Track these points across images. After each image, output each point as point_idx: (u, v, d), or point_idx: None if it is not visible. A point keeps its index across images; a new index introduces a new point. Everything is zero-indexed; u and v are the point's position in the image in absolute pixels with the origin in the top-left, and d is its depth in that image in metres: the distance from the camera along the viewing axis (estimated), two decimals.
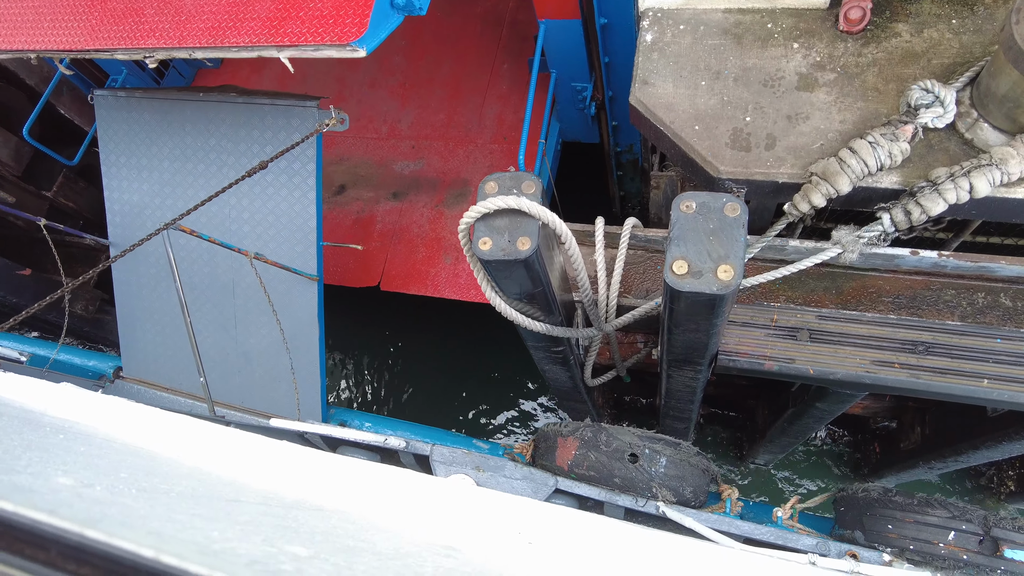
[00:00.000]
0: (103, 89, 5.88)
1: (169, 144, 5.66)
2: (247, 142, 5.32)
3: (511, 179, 3.02)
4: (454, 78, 7.55)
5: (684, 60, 4.46)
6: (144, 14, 3.89)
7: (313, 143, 4.94)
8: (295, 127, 5.06)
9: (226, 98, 5.30)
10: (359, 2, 3.32)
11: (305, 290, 5.39)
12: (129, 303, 6.26)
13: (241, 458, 1.27)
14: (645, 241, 4.46)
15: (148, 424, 1.34)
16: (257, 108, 5.18)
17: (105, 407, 1.42)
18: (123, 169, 5.93)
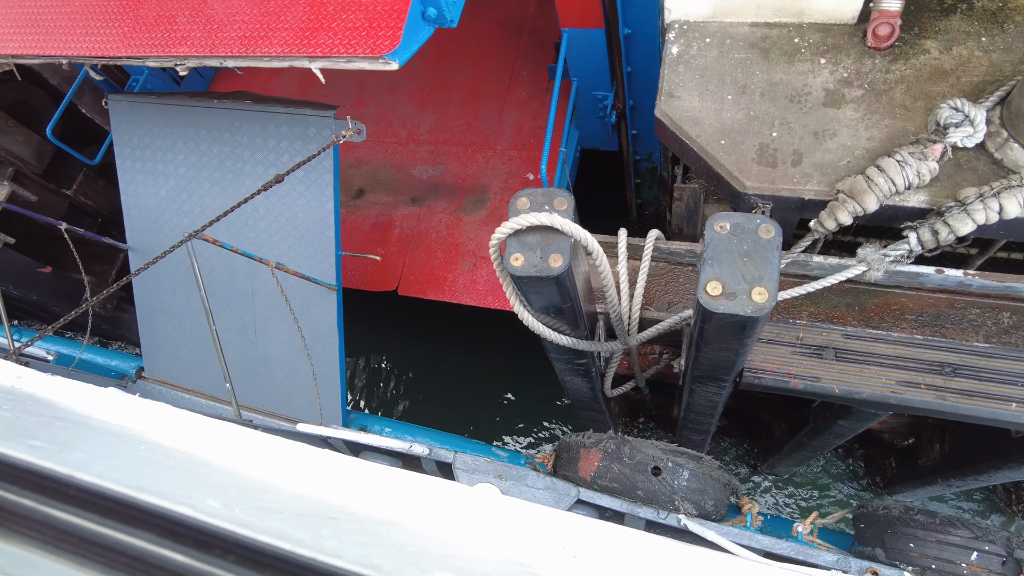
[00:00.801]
0: (117, 94, 5.88)
1: (184, 150, 5.67)
2: (263, 151, 5.32)
3: (543, 195, 3.03)
4: (473, 84, 7.57)
5: (710, 74, 4.47)
6: (176, 22, 3.92)
7: (330, 153, 4.94)
8: (311, 136, 5.07)
9: (241, 106, 5.30)
10: (392, 15, 3.34)
11: (325, 299, 5.41)
12: (149, 306, 6.30)
13: (306, 471, 1.29)
14: (667, 253, 4.46)
15: (208, 436, 1.35)
16: (273, 116, 5.18)
17: (163, 416, 1.44)
18: (139, 174, 5.95)
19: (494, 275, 6.50)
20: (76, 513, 1.08)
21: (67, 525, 1.07)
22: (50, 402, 1.51)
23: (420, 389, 8.37)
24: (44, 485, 1.14)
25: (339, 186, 5.18)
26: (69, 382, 1.57)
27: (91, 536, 1.05)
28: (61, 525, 1.07)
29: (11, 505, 1.11)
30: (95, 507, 1.08)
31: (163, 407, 1.47)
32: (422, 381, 8.39)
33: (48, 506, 1.10)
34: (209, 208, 5.61)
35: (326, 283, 5.33)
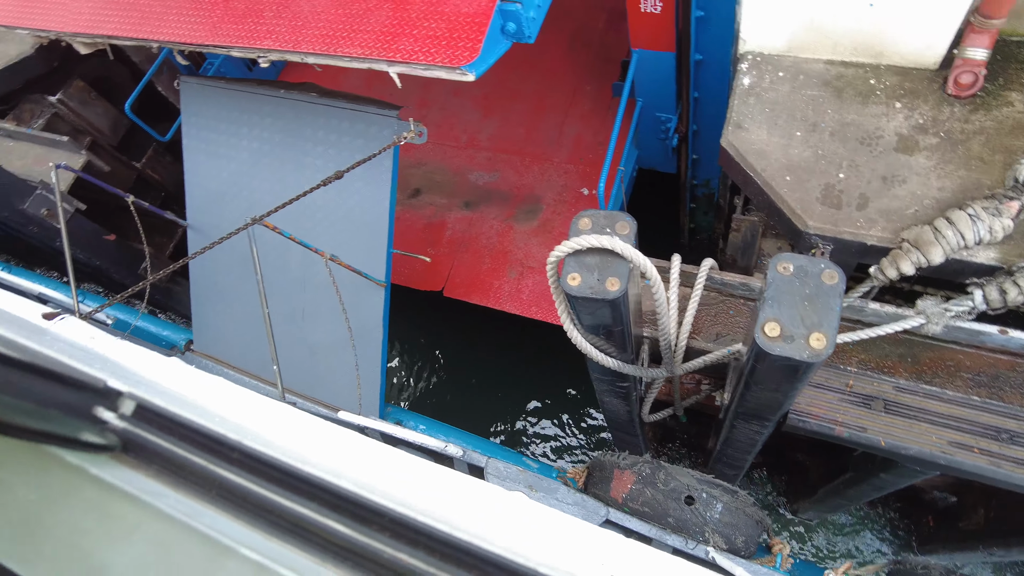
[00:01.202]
0: (189, 76, 6.03)
1: (248, 136, 5.80)
2: (324, 144, 5.42)
3: (605, 218, 3.05)
4: (537, 94, 7.62)
5: (780, 108, 4.43)
6: (264, 16, 4.06)
7: (390, 153, 5.00)
8: (373, 134, 5.14)
9: (308, 98, 5.39)
10: (473, 27, 3.41)
11: (373, 294, 5.51)
12: (203, 283, 6.49)
13: (351, 457, 1.35)
14: (720, 284, 4.43)
15: (264, 414, 1.43)
16: (337, 111, 5.27)
17: (222, 390, 1.52)
18: (203, 155, 6.11)
19: (539, 285, 6.52)
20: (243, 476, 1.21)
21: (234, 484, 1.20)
22: (121, 366, 1.61)
23: (454, 389, 8.44)
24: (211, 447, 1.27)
25: (396, 186, 5.23)
26: (136, 347, 1.68)
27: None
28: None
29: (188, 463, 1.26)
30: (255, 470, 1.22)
31: (222, 381, 1.55)
32: (457, 381, 8.46)
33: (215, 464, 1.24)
34: (268, 195, 5.75)
35: (376, 279, 5.43)
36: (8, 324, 1.74)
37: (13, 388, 1.20)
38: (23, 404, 1.22)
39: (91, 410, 1.35)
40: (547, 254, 6.54)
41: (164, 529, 1.23)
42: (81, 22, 4.52)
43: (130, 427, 1.36)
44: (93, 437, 1.32)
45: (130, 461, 1.33)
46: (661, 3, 5.01)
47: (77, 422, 1.33)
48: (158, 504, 1.24)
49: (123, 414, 1.38)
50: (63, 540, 1.31)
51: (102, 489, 1.31)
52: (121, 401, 1.40)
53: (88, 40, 4.65)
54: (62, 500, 1.34)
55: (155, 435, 1.34)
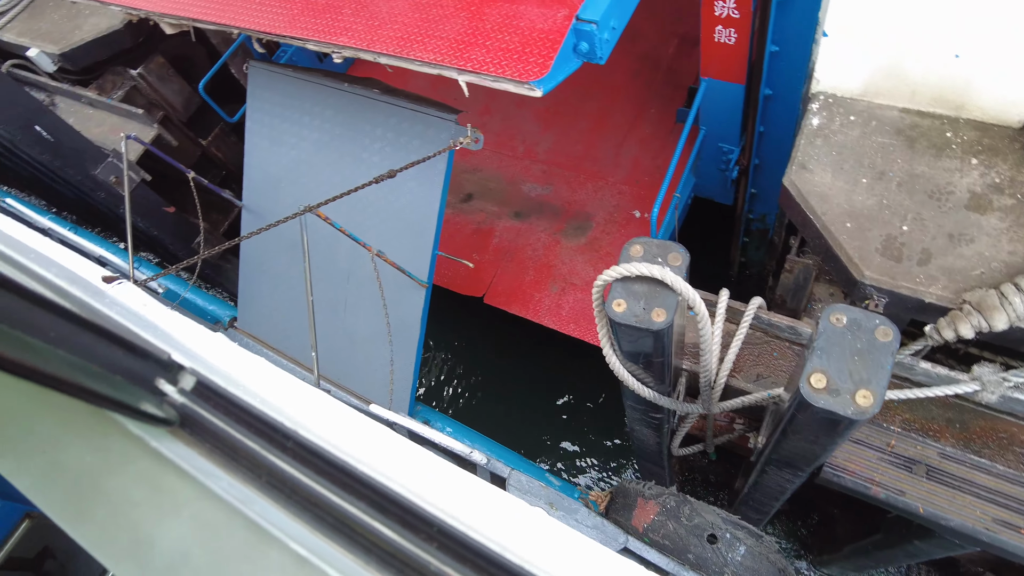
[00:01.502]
0: (257, 62, 6.15)
1: (310, 126, 5.90)
2: (382, 141, 5.48)
3: (658, 247, 3.02)
4: (599, 112, 7.61)
5: (848, 152, 4.33)
6: (342, 13, 4.15)
7: (445, 157, 5.02)
8: (431, 136, 5.18)
9: (370, 94, 5.46)
10: (546, 44, 3.42)
11: (414, 293, 5.55)
12: (252, 264, 6.64)
13: (380, 450, 1.37)
14: (766, 324, 4.34)
15: (302, 400, 1.45)
16: (397, 110, 5.32)
17: (263, 371, 1.55)
18: (264, 140, 6.23)
19: (580, 303, 6.49)
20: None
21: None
22: (170, 335, 1.64)
23: (484, 395, 8.45)
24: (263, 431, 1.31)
25: (447, 189, 5.26)
26: (185, 319, 1.73)
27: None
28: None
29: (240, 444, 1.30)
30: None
31: (264, 362, 1.58)
32: (488, 388, 8.47)
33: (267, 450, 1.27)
34: (324, 185, 5.85)
35: (419, 279, 5.47)
36: (71, 283, 1.80)
37: (82, 349, 1.23)
38: (90, 366, 1.25)
39: (154, 381, 1.38)
40: (592, 272, 6.54)
41: (212, 510, 1.25)
42: (169, 4, 4.69)
43: (189, 403, 1.38)
44: (154, 409, 1.35)
45: (186, 437, 1.36)
46: (736, 35, 4.95)
47: (139, 391, 1.36)
48: (209, 484, 1.26)
49: (183, 388, 1.41)
50: (114, 507, 1.34)
51: (157, 462, 1.34)
52: (183, 375, 1.44)
53: (174, 21, 4.82)
54: (118, 467, 1.37)
55: (212, 414, 1.37)
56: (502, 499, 1.22)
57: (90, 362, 1.23)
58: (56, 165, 6.81)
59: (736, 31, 4.93)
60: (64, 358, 1.17)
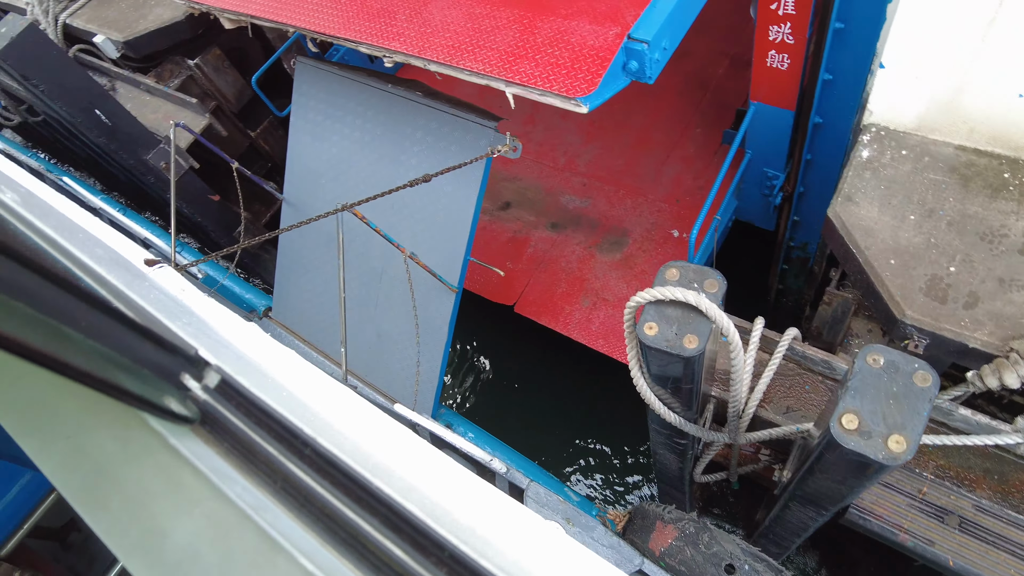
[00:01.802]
0: (305, 58, 6.20)
1: (352, 124, 5.94)
2: (422, 144, 5.50)
3: (695, 272, 2.99)
4: (643, 128, 7.57)
5: (897, 187, 4.23)
6: (396, 18, 4.21)
7: (483, 163, 4.99)
8: (469, 142, 5.17)
9: (412, 96, 5.48)
10: (596, 61, 3.42)
11: (444, 297, 5.57)
12: (289, 256, 6.75)
13: (402, 454, 1.37)
14: (800, 356, 4.25)
15: (330, 396, 1.46)
16: (437, 114, 5.33)
17: (293, 364, 1.56)
18: (308, 136, 6.30)
19: (611, 319, 6.45)
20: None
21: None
22: (203, 321, 1.67)
23: (507, 403, 8.44)
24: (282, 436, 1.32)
25: (483, 196, 5.25)
26: (219, 307, 1.77)
27: None
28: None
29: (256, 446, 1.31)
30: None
31: (292, 354, 1.59)
32: (512, 396, 8.46)
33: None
34: (363, 184, 5.91)
35: (449, 283, 5.49)
36: (114, 264, 1.84)
37: (114, 340, 1.25)
38: (119, 356, 1.28)
39: (179, 376, 1.40)
40: (625, 288, 6.49)
41: (225, 512, 1.27)
42: (231, 0, 4.82)
43: (211, 400, 1.40)
44: (177, 405, 1.37)
45: (206, 435, 1.37)
46: (789, 60, 4.88)
47: (164, 384, 1.39)
48: (224, 488, 1.28)
49: (207, 386, 1.43)
50: (131, 498, 1.36)
51: (176, 458, 1.36)
52: (207, 372, 1.45)
53: (233, 16, 4.95)
54: (137, 459, 1.39)
55: (233, 413, 1.38)
56: (520, 514, 1.21)
57: (120, 353, 1.25)
58: (111, 148, 7.03)
59: (789, 57, 4.86)
60: (95, 348, 1.20)
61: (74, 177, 9.24)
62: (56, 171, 9.23)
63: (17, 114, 8.72)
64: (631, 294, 6.46)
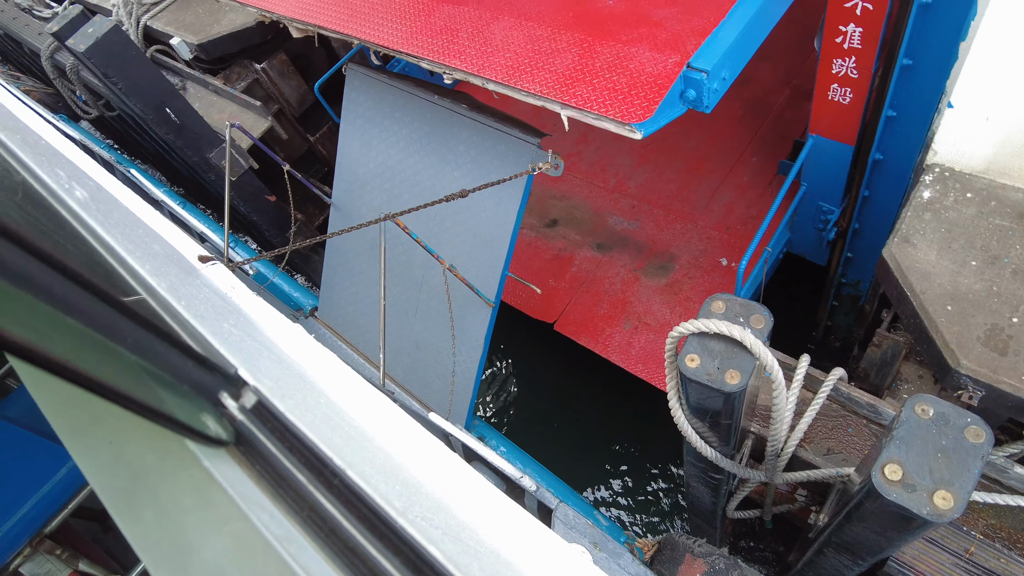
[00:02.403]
0: (356, 65, 6.22)
1: (398, 133, 5.97)
2: (465, 157, 5.50)
3: (741, 306, 2.95)
4: (698, 154, 7.51)
5: (959, 231, 4.09)
6: (458, 36, 4.29)
7: (524, 179, 4.94)
8: (512, 157, 5.13)
9: (458, 108, 5.48)
10: (653, 88, 3.41)
11: (481, 311, 5.58)
12: (335, 259, 6.89)
13: (435, 467, 1.37)
14: (845, 398, 4.14)
15: (368, 405, 1.47)
16: (481, 127, 5.31)
17: (333, 368, 1.58)
18: (356, 142, 6.37)
19: (651, 344, 6.39)
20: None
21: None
22: (250, 320, 1.71)
23: (542, 418, 8.41)
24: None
25: (523, 212, 5.21)
26: (268, 307, 1.81)
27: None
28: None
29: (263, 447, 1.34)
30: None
31: (334, 359, 1.61)
32: (547, 412, 8.43)
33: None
34: (406, 193, 5.97)
35: (486, 298, 5.48)
36: (170, 259, 1.91)
37: (157, 356, 1.28)
38: (160, 373, 1.31)
39: (217, 394, 1.44)
40: (668, 314, 6.42)
41: (251, 537, 1.28)
42: (301, 10, 4.98)
43: (246, 422, 1.42)
44: (213, 426, 1.40)
45: (239, 456, 1.38)
46: (852, 95, 4.79)
47: (202, 403, 1.42)
48: (251, 515, 1.29)
49: (243, 406, 1.45)
50: (163, 511, 1.38)
51: (208, 477, 1.38)
52: (245, 392, 1.48)
53: (301, 26, 5.11)
54: (173, 473, 1.42)
55: (267, 437, 1.40)
56: (546, 539, 1.21)
57: (162, 370, 1.28)
58: (178, 144, 7.32)
59: (852, 91, 4.77)
60: (138, 364, 1.23)
61: (140, 169, 9.64)
62: (125, 162, 9.65)
63: (95, 108, 9.17)
64: (674, 320, 6.41)
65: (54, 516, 4.18)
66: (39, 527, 4.09)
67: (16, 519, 3.95)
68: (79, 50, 5.94)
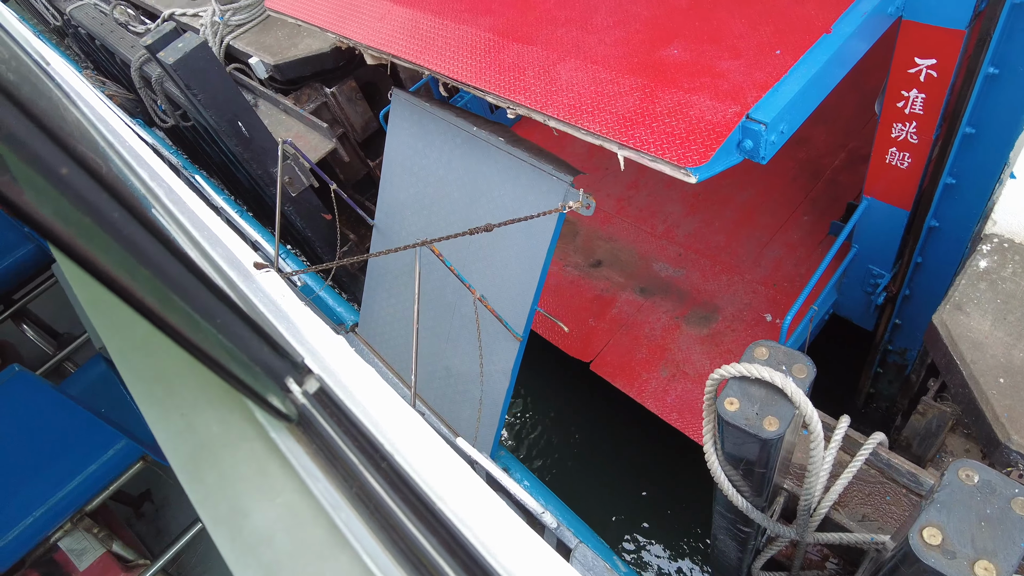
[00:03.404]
0: (401, 91, 6.32)
1: (438, 160, 6.04)
2: (500, 189, 5.52)
3: (785, 354, 2.95)
4: (749, 208, 7.52)
5: (1016, 303, 4.01)
6: (525, 73, 4.45)
7: (555, 217, 4.89)
8: (544, 192, 5.11)
9: (493, 140, 5.49)
10: (711, 135, 3.49)
11: (509, 343, 5.56)
12: (376, 279, 7.04)
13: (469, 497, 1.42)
14: (884, 464, 4.04)
15: (403, 425, 1.54)
16: (515, 161, 5.31)
17: (373, 385, 1.65)
18: (398, 168, 6.46)
19: (688, 393, 6.33)
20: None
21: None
22: (297, 328, 1.81)
23: (567, 455, 8.34)
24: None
25: (554, 248, 5.18)
26: (313, 317, 1.90)
27: None
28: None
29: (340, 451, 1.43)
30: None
31: (372, 373, 1.69)
32: (573, 449, 8.36)
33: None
34: (443, 220, 6.05)
35: (514, 331, 5.48)
36: (230, 263, 2.04)
37: (237, 337, 1.39)
38: (239, 352, 1.41)
39: (284, 378, 1.54)
40: (708, 365, 6.38)
41: (304, 504, 1.37)
42: (377, 39, 5.25)
43: (309, 405, 1.52)
44: (279, 403, 1.51)
45: (299, 435, 1.50)
46: (910, 159, 4.78)
47: (271, 384, 1.53)
48: (308, 482, 1.39)
49: (307, 391, 1.56)
50: (224, 475, 1.50)
51: (270, 449, 1.49)
52: (309, 379, 1.59)
53: (376, 54, 5.37)
54: (236, 444, 1.53)
55: (326, 420, 1.50)
56: (564, 573, 1.25)
57: (240, 349, 1.39)
58: (244, 157, 7.67)
59: (911, 156, 4.77)
60: (220, 341, 1.34)
61: (204, 176, 10.10)
62: (191, 168, 10.13)
63: (172, 118, 9.68)
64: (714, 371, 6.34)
65: (96, 496, 4.33)
66: (81, 504, 4.24)
67: (64, 493, 4.11)
68: (168, 62, 6.34)
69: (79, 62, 14.95)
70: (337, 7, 5.80)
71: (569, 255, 7.85)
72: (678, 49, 4.07)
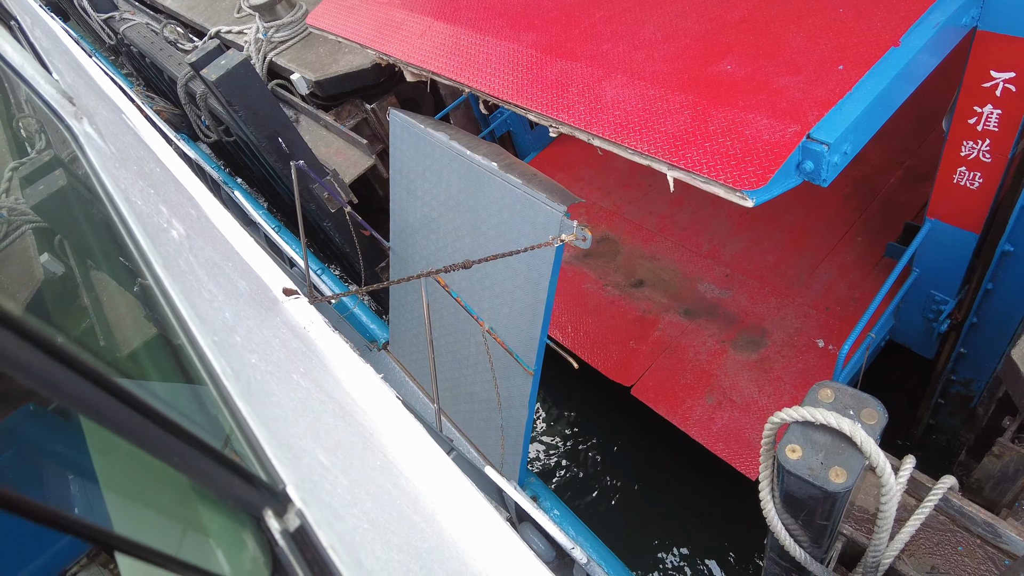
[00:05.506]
0: (397, 111, 5.90)
1: (438, 186, 5.65)
2: (497, 217, 5.11)
3: (851, 397, 2.70)
4: (801, 228, 7.21)
5: None
6: (569, 91, 4.29)
7: (553, 249, 4.47)
8: (540, 223, 4.69)
9: (487, 166, 5.06)
10: (770, 156, 3.27)
11: (524, 376, 5.25)
12: (399, 301, 6.87)
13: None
14: (956, 511, 3.72)
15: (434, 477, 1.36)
16: (508, 188, 4.88)
17: (396, 420, 1.48)
18: (403, 191, 6.10)
19: (735, 422, 6.04)
20: None
21: None
22: (322, 357, 1.64)
23: (602, 484, 8.07)
24: None
25: (556, 282, 4.75)
26: (343, 344, 1.75)
27: None
28: None
29: None
30: None
31: (400, 409, 1.51)
32: (608, 479, 8.09)
33: None
34: (450, 247, 5.73)
35: (526, 365, 5.12)
36: (254, 298, 1.88)
37: (201, 474, 1.20)
38: (205, 490, 1.23)
39: (262, 511, 1.35)
40: (756, 392, 6.08)
41: None
42: (417, 56, 5.16)
43: (285, 549, 1.33)
44: (253, 546, 1.30)
45: None
46: (982, 179, 4.46)
47: (245, 518, 1.32)
48: None
49: (286, 530, 1.36)
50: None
51: None
52: (289, 511, 1.39)
53: (416, 70, 5.29)
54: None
55: (303, 570, 1.31)
56: None
57: (207, 486, 1.20)
58: (284, 173, 7.67)
59: (983, 176, 4.45)
60: (184, 481, 1.16)
61: (244, 191, 10.19)
62: (231, 183, 10.23)
63: (215, 133, 9.81)
64: (762, 400, 6.05)
65: None
66: None
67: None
68: (210, 79, 6.37)
69: (131, 79, 15.39)
70: (378, 24, 5.74)
71: (609, 274, 7.63)
72: (731, 65, 3.86)
